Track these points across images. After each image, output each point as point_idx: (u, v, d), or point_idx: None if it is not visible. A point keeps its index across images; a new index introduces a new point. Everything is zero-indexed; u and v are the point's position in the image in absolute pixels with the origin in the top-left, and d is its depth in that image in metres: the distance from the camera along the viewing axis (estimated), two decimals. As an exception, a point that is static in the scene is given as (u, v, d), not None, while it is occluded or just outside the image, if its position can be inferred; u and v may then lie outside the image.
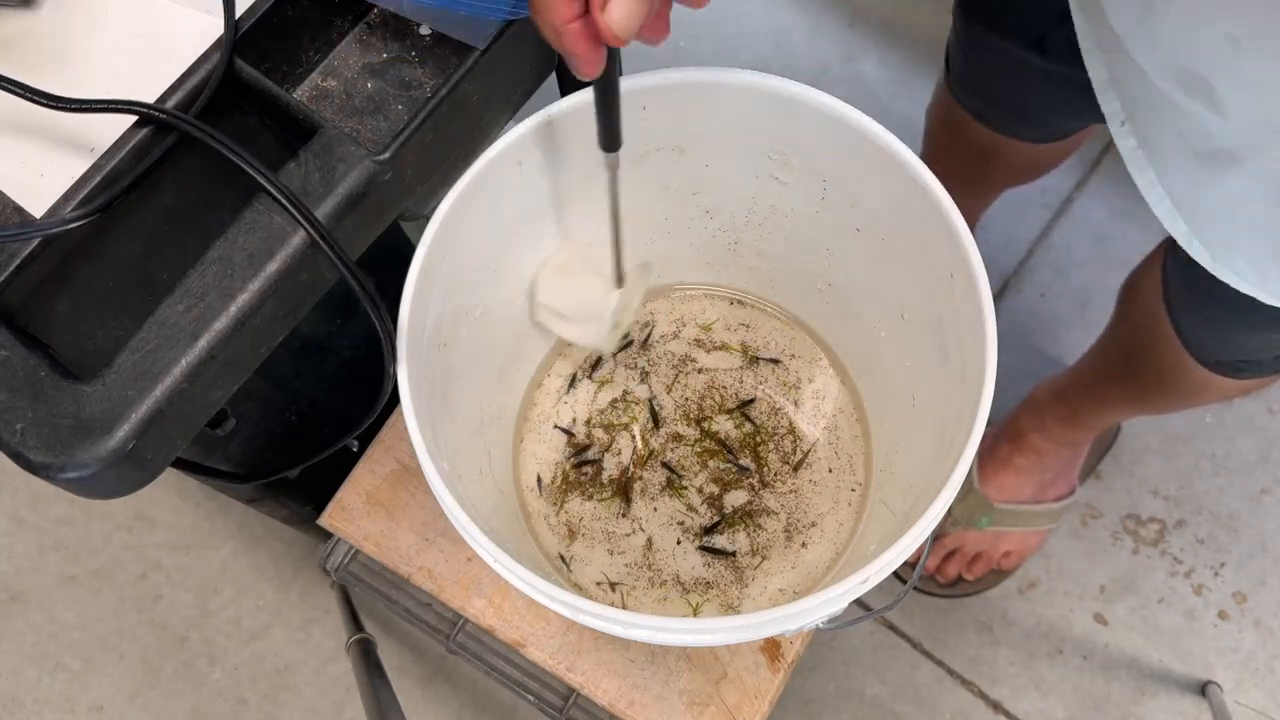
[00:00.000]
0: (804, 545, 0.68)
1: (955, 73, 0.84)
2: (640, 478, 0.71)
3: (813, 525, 0.69)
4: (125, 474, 0.44)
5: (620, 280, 0.63)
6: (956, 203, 0.52)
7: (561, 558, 0.69)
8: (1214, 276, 0.64)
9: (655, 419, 0.72)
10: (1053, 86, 0.72)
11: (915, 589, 1.08)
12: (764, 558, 0.68)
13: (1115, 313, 0.90)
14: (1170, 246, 0.75)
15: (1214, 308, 0.69)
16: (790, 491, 0.70)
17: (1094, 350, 0.95)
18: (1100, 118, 0.81)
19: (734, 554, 0.68)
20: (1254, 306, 0.65)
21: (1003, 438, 1.07)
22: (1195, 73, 0.46)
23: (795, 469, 0.70)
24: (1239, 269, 0.54)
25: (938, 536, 1.09)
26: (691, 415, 0.72)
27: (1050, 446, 1.04)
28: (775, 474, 0.70)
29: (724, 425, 0.72)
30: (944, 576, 1.09)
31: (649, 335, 0.75)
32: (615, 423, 0.72)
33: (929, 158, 0.98)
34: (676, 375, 0.74)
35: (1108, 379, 0.92)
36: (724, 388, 0.73)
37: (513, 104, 0.56)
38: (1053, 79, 0.71)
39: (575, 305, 0.66)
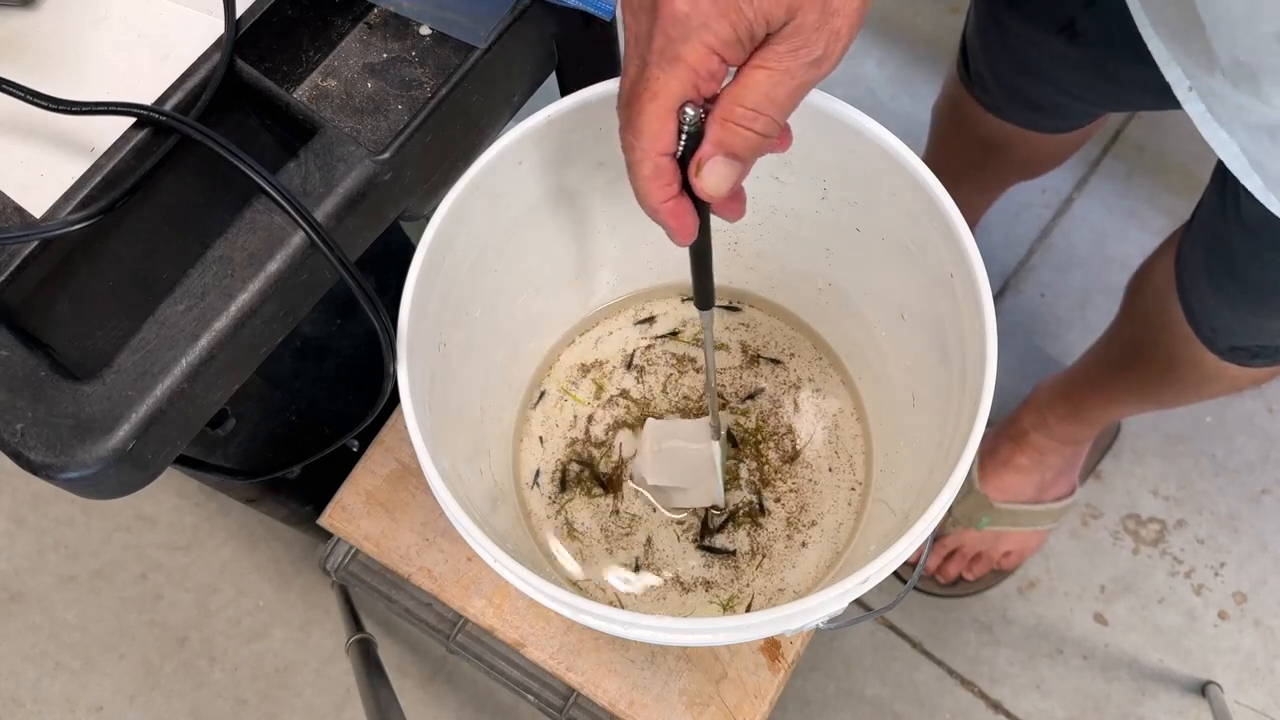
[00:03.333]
0: (804, 545, 0.68)
1: (973, 65, 0.83)
2: (638, 479, 0.71)
3: (813, 525, 0.69)
4: (125, 474, 0.44)
5: (717, 432, 0.66)
6: (962, 199, 0.52)
7: (553, 556, 0.69)
8: (1238, 257, 0.63)
9: (652, 418, 0.72)
10: (1078, 73, 0.72)
11: (915, 589, 1.08)
12: (764, 557, 0.68)
13: (1123, 305, 0.90)
14: (1186, 231, 0.75)
15: (1236, 289, 0.68)
16: (790, 491, 0.70)
17: (1100, 344, 0.95)
18: (1119, 105, 0.81)
19: (734, 553, 0.68)
20: (1278, 288, 0.65)
21: (1003, 437, 1.07)
22: (1246, 65, 0.47)
23: (794, 467, 0.70)
24: None
25: (938, 536, 1.09)
26: (691, 415, 0.72)
27: (1052, 445, 1.04)
28: (775, 473, 0.70)
29: (724, 425, 0.72)
30: (944, 576, 1.09)
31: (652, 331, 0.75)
32: (615, 422, 0.72)
33: (936, 154, 0.98)
34: (677, 375, 0.74)
35: (1115, 372, 0.92)
36: (723, 388, 0.73)
37: (513, 104, 0.56)
38: (1079, 65, 0.71)
39: (683, 475, 0.67)
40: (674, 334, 0.75)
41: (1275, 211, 0.55)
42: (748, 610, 0.67)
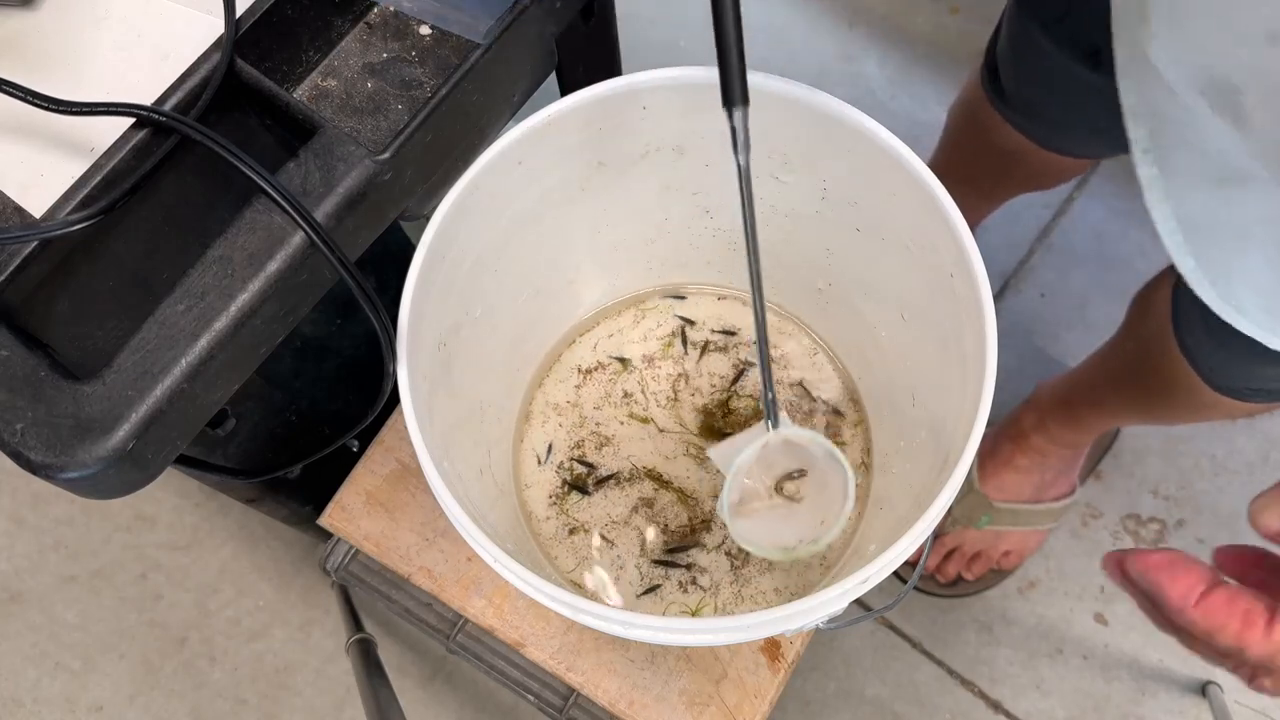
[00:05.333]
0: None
1: (1002, 77, 0.83)
2: (639, 478, 0.71)
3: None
4: (125, 474, 0.44)
5: (772, 413, 0.53)
6: (967, 204, 0.51)
7: (551, 556, 0.69)
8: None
9: (654, 419, 0.72)
10: (1101, 104, 0.71)
11: (915, 589, 1.08)
12: (763, 557, 0.68)
13: (1124, 324, 0.89)
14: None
15: (1227, 334, 0.68)
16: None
17: (1100, 356, 0.95)
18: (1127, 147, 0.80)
19: (688, 567, 0.68)
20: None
21: (1003, 437, 1.07)
22: (1224, 79, 0.46)
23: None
24: (1245, 308, 0.54)
25: (937, 535, 1.09)
26: (691, 414, 0.72)
27: (1051, 447, 1.04)
28: (775, 474, 0.70)
29: (723, 425, 0.72)
30: (944, 576, 1.09)
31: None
32: (616, 423, 0.72)
33: (947, 155, 0.97)
34: (676, 375, 0.74)
35: (1113, 387, 0.92)
36: (723, 388, 0.73)
37: (513, 104, 0.56)
38: (1101, 95, 0.70)
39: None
40: (674, 335, 0.75)
41: (1202, 296, 0.54)
42: (746, 611, 0.67)
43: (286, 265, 0.45)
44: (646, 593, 0.68)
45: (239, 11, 0.49)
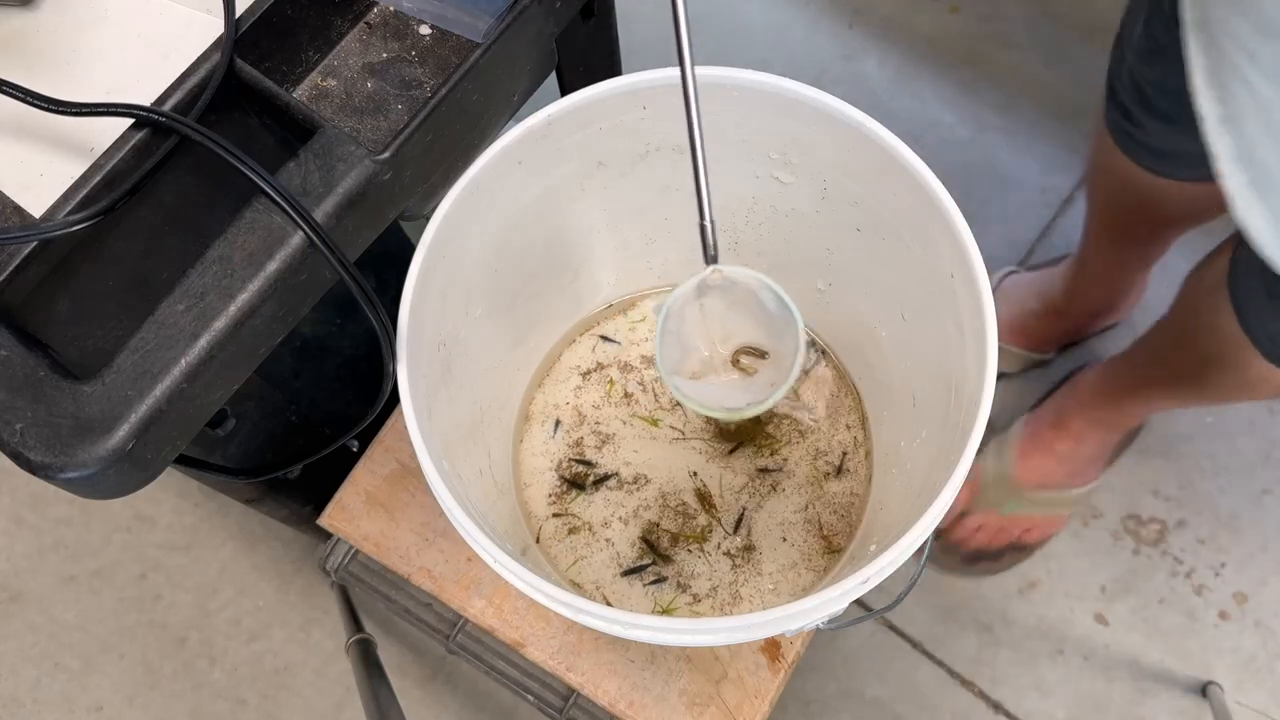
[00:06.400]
0: (803, 545, 0.68)
1: (1126, 101, 0.80)
2: (641, 476, 0.71)
3: (812, 525, 0.69)
4: (125, 474, 0.44)
5: (710, 249, 0.49)
6: (1131, 261, 0.50)
7: (551, 555, 0.69)
8: None
9: (655, 419, 0.72)
10: None
11: (935, 562, 1.08)
12: (763, 558, 0.68)
13: (1176, 301, 0.89)
14: (1241, 240, 0.74)
15: None
16: (790, 491, 0.70)
17: (1148, 337, 0.95)
18: None
19: (660, 571, 0.68)
20: None
21: (1044, 423, 1.07)
22: None
23: (793, 467, 0.70)
24: None
25: (963, 515, 1.09)
26: (689, 414, 0.72)
27: (1091, 431, 1.04)
28: (774, 473, 0.70)
29: (723, 425, 0.72)
30: (967, 546, 1.08)
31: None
32: (616, 422, 0.72)
33: (1097, 225, 0.95)
34: (677, 375, 0.74)
35: (1160, 366, 0.91)
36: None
37: (513, 104, 0.56)
38: None
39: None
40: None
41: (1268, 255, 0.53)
42: (746, 611, 0.67)
43: (286, 265, 0.45)
44: (648, 583, 0.68)
45: (239, 11, 0.49)
